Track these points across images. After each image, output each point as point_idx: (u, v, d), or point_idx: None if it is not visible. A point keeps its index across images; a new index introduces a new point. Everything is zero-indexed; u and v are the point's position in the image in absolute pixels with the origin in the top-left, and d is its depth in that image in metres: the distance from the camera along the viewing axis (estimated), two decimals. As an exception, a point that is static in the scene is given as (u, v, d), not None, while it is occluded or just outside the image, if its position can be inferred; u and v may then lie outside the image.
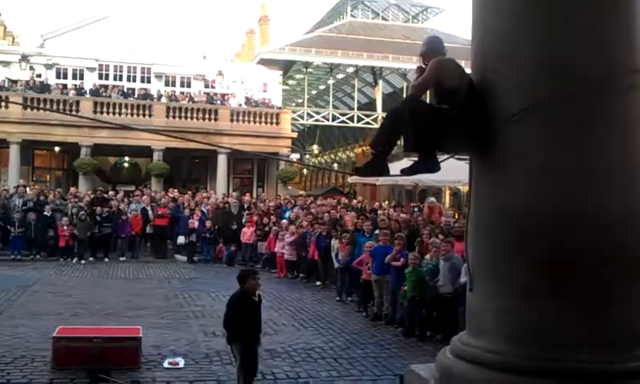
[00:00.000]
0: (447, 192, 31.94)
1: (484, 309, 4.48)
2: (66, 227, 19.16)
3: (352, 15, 40.97)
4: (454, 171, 11.97)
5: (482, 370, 4.23)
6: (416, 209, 19.84)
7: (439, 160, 4.84)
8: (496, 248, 4.38)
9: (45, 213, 19.70)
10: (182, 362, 8.34)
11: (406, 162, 4.91)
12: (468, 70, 4.72)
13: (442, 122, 4.51)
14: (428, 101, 5.17)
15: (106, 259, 19.55)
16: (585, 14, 4.08)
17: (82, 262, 18.93)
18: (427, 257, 10.83)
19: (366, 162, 4.98)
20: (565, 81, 4.07)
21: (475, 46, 4.71)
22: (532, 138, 4.17)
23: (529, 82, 4.21)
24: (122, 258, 19.84)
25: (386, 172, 4.86)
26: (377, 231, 13.22)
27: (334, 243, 14.31)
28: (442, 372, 4.66)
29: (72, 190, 23.50)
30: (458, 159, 7.58)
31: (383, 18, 42.10)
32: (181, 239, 20.63)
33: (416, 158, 4.80)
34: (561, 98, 4.05)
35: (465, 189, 27.62)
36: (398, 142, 4.88)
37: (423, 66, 4.86)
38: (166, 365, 8.24)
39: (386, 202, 28.76)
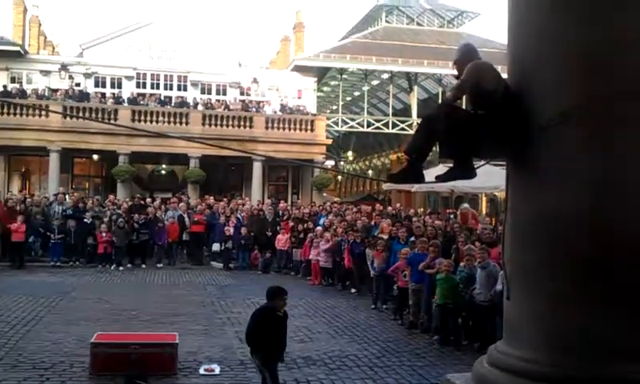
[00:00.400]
0: (484, 198, 31.59)
1: (520, 317, 4.41)
2: (104, 234, 19.44)
3: (387, 21, 40.85)
4: (491, 177, 11.87)
5: (517, 379, 4.17)
6: (452, 215, 19.68)
7: (475, 166, 4.77)
8: (532, 255, 4.31)
9: (85, 220, 20.02)
10: (217, 369, 8.39)
11: (441, 169, 4.84)
12: (504, 75, 4.66)
13: (478, 128, 4.45)
14: (463, 106, 5.10)
15: (144, 266, 19.79)
16: (622, 15, 3.99)
17: (120, 268, 19.19)
18: (461, 264, 10.73)
19: (401, 168, 4.93)
20: (602, 83, 4.00)
21: (511, 50, 4.66)
22: (569, 141, 4.10)
23: (565, 85, 4.14)
24: (159, 265, 20.06)
25: (421, 179, 4.81)
26: (412, 238, 13.16)
27: (369, 251, 14.26)
28: (477, 381, 4.60)
29: (110, 197, 23.89)
30: (494, 165, 7.50)
31: (418, 24, 41.89)
32: (216, 246, 20.80)
33: (451, 164, 4.74)
34: (598, 101, 3.98)
35: (502, 195, 27.27)
36: (434, 148, 4.83)
37: (457, 73, 4.82)
38: (202, 371, 8.30)
39: (422, 209, 28.62)
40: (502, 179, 13.53)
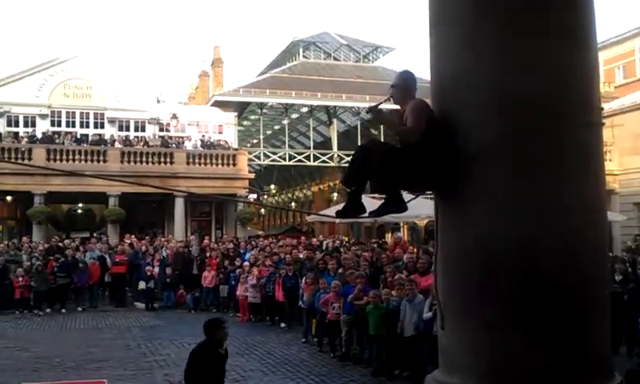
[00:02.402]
0: (405, 227, 32.22)
1: (455, 345, 4.51)
2: (20, 278, 18.65)
3: (304, 56, 41.45)
4: (411, 207, 12.11)
5: (455, 406, 4.26)
6: (375, 245, 19.92)
7: (406, 200, 4.90)
8: (465, 284, 4.42)
9: (-2, 264, 19.17)
10: (150, 414, 8.18)
11: (367, 200, 4.93)
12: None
13: (406, 162, 4.56)
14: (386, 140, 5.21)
15: (64, 310, 19.04)
16: (543, 51, 4.20)
17: (40, 313, 18.41)
18: (393, 293, 10.88)
19: (345, 204, 5.00)
20: (524, 117, 4.18)
21: (433, 84, 4.78)
22: (494, 174, 4.25)
23: (487, 118, 4.30)
24: (79, 309, 19.39)
25: (362, 211, 4.88)
26: (340, 270, 13.28)
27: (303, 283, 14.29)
28: (417, 410, 4.67)
29: (25, 239, 22.95)
30: (416, 196, 7.69)
31: (335, 58, 42.67)
32: (142, 284, 20.24)
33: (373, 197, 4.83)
34: (521, 134, 4.16)
35: (422, 223, 27.96)
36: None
37: (391, 97, 4.91)
38: (133, 417, 8.08)
39: (346, 238, 28.90)
40: (422, 208, 13.86)
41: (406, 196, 4.99)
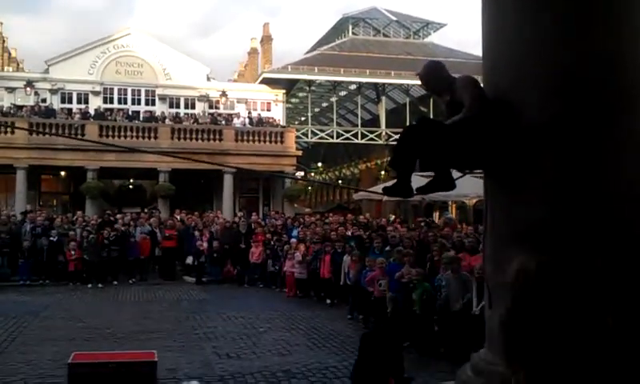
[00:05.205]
0: (453, 206, 31.91)
1: (503, 325, 4.45)
2: (73, 252, 19.17)
3: (353, 33, 41.16)
4: (459, 186, 11.97)
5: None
6: (423, 224, 19.77)
7: (455, 177, 4.83)
8: (511, 264, 4.36)
9: (51, 238, 19.70)
10: (197, 385, 8.31)
11: (416, 179, 4.86)
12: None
13: (456, 139, 4.49)
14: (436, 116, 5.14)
15: (115, 283, 19.50)
16: (598, 32, 4.09)
17: (89, 286, 18.89)
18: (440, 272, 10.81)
19: (394, 182, 4.93)
20: (581, 99, 4.08)
21: (487, 61, 4.69)
22: (547, 155, 4.16)
23: (543, 98, 4.21)
24: (130, 281, 19.82)
25: (411, 193, 4.81)
26: (387, 248, 13.24)
27: (346, 260, 14.30)
28: (461, 389, 4.63)
29: (78, 213, 23.51)
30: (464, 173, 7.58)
31: (384, 35, 42.26)
32: (189, 259, 20.63)
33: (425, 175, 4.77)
34: (576, 113, 4.06)
35: (471, 203, 27.63)
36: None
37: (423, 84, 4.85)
38: (182, 388, 8.23)
39: (393, 217, 28.77)
40: (471, 187, 13.64)
41: (454, 174, 4.93)
